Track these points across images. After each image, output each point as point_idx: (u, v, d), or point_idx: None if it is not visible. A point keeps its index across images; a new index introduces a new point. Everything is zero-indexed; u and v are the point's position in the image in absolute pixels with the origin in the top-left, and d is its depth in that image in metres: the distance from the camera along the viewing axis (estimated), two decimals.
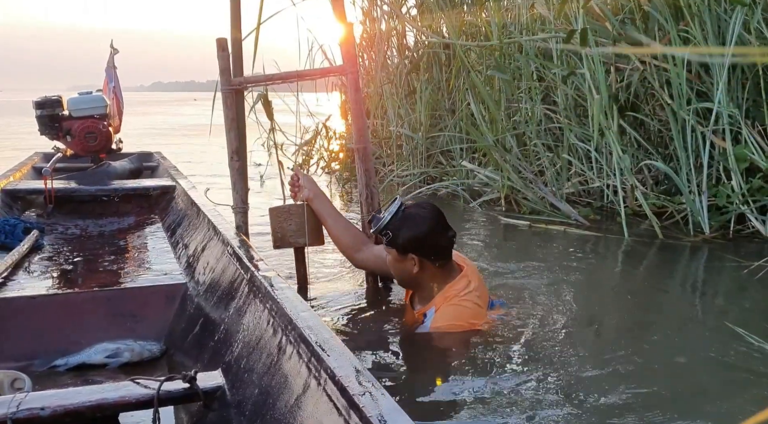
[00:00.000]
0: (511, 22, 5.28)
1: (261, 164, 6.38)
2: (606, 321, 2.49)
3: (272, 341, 1.47)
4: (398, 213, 2.15)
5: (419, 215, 2.16)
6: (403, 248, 2.13)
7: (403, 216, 2.15)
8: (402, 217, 2.15)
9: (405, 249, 2.13)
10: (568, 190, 4.61)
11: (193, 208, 3.04)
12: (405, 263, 2.16)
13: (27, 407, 1.26)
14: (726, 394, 1.83)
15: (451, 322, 2.10)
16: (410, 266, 2.15)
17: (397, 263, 2.18)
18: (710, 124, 3.75)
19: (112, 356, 1.99)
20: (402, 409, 1.00)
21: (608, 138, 4.07)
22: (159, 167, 4.73)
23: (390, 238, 2.14)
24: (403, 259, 2.15)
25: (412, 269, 2.15)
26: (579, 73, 4.40)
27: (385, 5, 6.68)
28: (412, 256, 2.13)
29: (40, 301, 2.17)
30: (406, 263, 2.16)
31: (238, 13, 2.66)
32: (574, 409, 1.69)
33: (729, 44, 3.60)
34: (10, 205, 3.43)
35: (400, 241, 2.13)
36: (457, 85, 5.82)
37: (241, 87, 2.68)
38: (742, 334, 2.10)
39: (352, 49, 2.65)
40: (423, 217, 2.15)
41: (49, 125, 4.08)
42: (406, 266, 2.16)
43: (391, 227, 2.14)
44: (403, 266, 2.17)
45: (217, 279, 2.12)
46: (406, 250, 2.13)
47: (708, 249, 3.53)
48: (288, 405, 1.23)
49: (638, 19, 4.09)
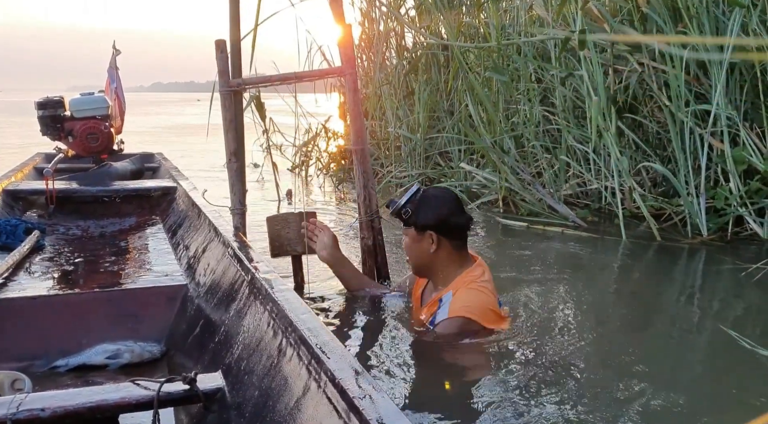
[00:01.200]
0: (510, 24, 5.29)
1: (259, 165, 6.38)
2: (604, 324, 2.50)
3: (272, 342, 1.48)
4: (417, 194, 2.20)
5: (438, 194, 2.24)
6: (422, 225, 2.16)
7: (423, 196, 2.20)
8: (421, 197, 2.19)
9: (424, 226, 2.16)
10: (566, 191, 4.62)
11: (194, 210, 3.05)
12: (422, 242, 2.17)
13: (27, 408, 1.27)
14: (722, 398, 1.84)
15: (470, 305, 2.10)
16: (427, 246, 2.17)
17: (414, 244, 2.20)
18: (708, 126, 3.76)
19: (113, 357, 2.00)
20: (402, 412, 1.01)
21: (606, 140, 4.08)
22: (160, 168, 4.73)
23: (409, 215, 2.18)
24: (421, 237, 2.17)
25: (429, 248, 2.16)
26: (577, 74, 4.41)
27: (383, 6, 6.69)
28: (430, 233, 2.16)
29: (41, 301, 2.18)
30: (423, 243, 2.17)
31: (237, 15, 2.67)
32: (573, 412, 1.70)
33: (727, 46, 3.61)
34: (11, 206, 3.44)
35: (420, 217, 2.16)
36: (456, 86, 5.83)
37: (239, 88, 2.68)
38: (737, 338, 2.11)
39: (351, 51, 2.66)
40: (442, 196, 2.22)
41: (51, 126, 4.09)
42: (423, 245, 2.17)
43: (410, 205, 2.18)
44: (420, 246, 2.18)
45: (217, 281, 2.13)
46: (425, 227, 2.16)
47: (706, 251, 3.54)
48: (288, 407, 1.24)
49: (636, 20, 4.11)
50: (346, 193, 5.82)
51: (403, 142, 6.17)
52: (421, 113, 5.87)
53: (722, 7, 3.81)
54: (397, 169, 6.00)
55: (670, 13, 3.94)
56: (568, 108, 4.71)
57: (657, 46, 3.93)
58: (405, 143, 6.13)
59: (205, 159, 8.26)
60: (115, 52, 4.90)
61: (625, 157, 4.10)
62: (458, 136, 5.65)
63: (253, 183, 5.98)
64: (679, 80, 3.80)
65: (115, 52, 4.90)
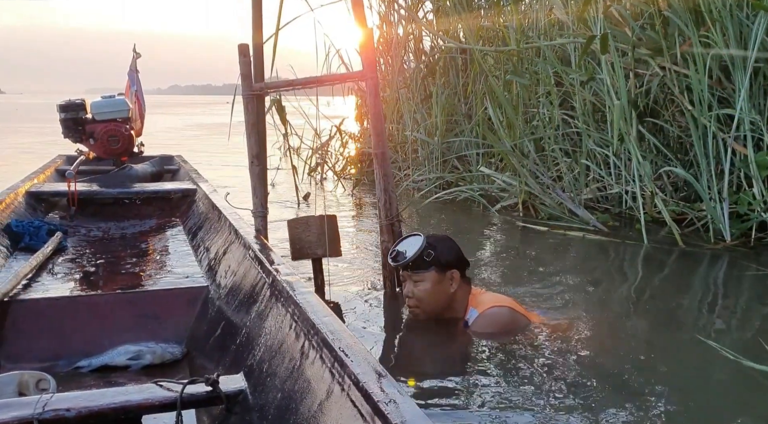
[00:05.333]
0: (529, 27, 5.26)
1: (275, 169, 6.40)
2: (624, 330, 2.47)
3: (295, 345, 1.48)
4: (424, 242, 2.29)
5: (443, 237, 2.41)
6: (445, 264, 2.27)
7: (432, 240, 2.31)
8: (431, 242, 2.29)
9: (447, 265, 2.28)
10: (586, 196, 4.58)
11: (214, 212, 3.06)
12: (443, 282, 2.28)
13: (53, 408, 1.28)
14: (745, 406, 1.81)
15: (498, 300, 2.27)
16: (448, 285, 2.29)
17: (436, 286, 2.28)
18: (732, 130, 3.71)
19: (134, 358, 2.01)
20: (427, 416, 1.00)
21: (627, 144, 4.04)
22: (180, 170, 4.77)
23: (432, 256, 2.26)
24: (442, 278, 2.28)
25: (450, 287, 2.29)
26: (598, 78, 4.38)
27: (402, 10, 6.69)
28: (452, 272, 2.28)
29: (64, 302, 2.20)
30: (444, 283, 2.28)
31: (260, 19, 2.68)
32: (593, 417, 1.68)
33: (752, 50, 3.57)
34: (34, 207, 3.48)
35: (443, 257, 2.28)
36: (474, 89, 5.81)
37: (261, 92, 2.69)
38: (764, 344, 2.07)
39: (372, 55, 2.65)
40: (448, 238, 2.40)
41: (73, 128, 4.15)
42: (444, 285, 2.28)
43: (429, 249, 2.27)
44: (441, 287, 2.28)
45: (238, 283, 2.13)
46: (448, 266, 2.28)
47: (729, 257, 3.49)
48: (311, 410, 1.24)
49: (658, 24, 4.07)
50: (362, 196, 5.82)
51: (420, 145, 6.16)
52: (439, 117, 5.86)
53: (746, 11, 3.76)
54: (415, 173, 5.99)
55: (692, 16, 3.89)
56: (588, 111, 4.67)
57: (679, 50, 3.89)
58: (423, 147, 6.12)
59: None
60: (136, 55, 4.95)
61: (647, 161, 4.06)
62: (476, 140, 5.63)
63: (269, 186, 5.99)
64: (702, 84, 3.76)
65: (135, 55, 4.95)
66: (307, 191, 5.52)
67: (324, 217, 2.57)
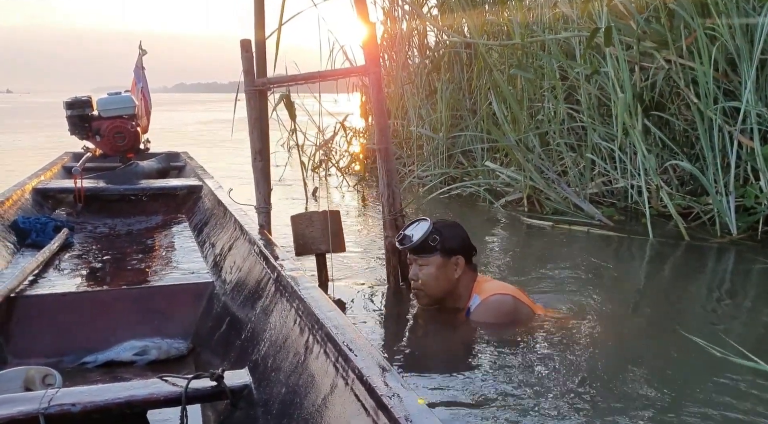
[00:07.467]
0: (533, 21, 5.24)
1: (279, 165, 6.39)
2: (630, 325, 2.46)
3: (299, 340, 1.48)
4: (431, 225, 2.31)
5: (451, 223, 2.42)
6: (450, 249, 2.29)
7: (439, 225, 2.33)
8: (437, 226, 2.31)
9: (452, 251, 2.29)
10: (591, 190, 4.57)
11: (219, 208, 3.07)
12: (448, 267, 2.30)
13: (58, 403, 1.29)
14: (749, 399, 1.80)
15: (501, 287, 2.28)
16: (452, 271, 2.30)
17: (440, 271, 2.30)
18: (738, 123, 3.69)
19: (140, 353, 2.02)
20: (431, 410, 1.00)
21: (632, 137, 4.02)
22: (186, 167, 4.78)
23: (437, 241, 2.28)
24: (447, 263, 2.29)
25: (454, 273, 2.30)
26: (603, 71, 4.36)
27: (406, 5, 6.68)
28: (457, 257, 2.29)
29: (70, 298, 2.21)
30: (448, 268, 2.30)
31: (262, 15, 2.68)
32: (600, 413, 1.68)
33: (758, 42, 3.54)
34: (40, 204, 3.50)
35: (448, 243, 2.29)
36: (479, 84, 5.80)
37: (264, 88, 2.69)
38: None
39: (375, 50, 2.65)
40: (456, 224, 2.40)
41: (79, 125, 4.16)
42: (448, 271, 2.30)
43: (435, 233, 2.28)
44: (445, 272, 2.30)
45: (243, 278, 2.14)
46: (453, 252, 2.29)
47: (735, 251, 3.47)
48: (315, 405, 1.24)
49: (663, 16, 4.04)
50: (366, 192, 5.82)
51: (425, 141, 6.16)
52: (444, 112, 5.85)
53: (752, 2, 3.74)
54: (420, 169, 5.98)
55: (697, 8, 3.87)
56: (593, 105, 4.65)
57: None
58: (427, 142, 6.11)
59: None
60: (141, 52, 4.96)
61: (652, 155, 4.04)
62: (481, 135, 5.62)
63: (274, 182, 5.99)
64: (707, 77, 3.73)
65: (141, 52, 4.96)
66: (315, 187, 5.52)
67: (327, 212, 2.58)
